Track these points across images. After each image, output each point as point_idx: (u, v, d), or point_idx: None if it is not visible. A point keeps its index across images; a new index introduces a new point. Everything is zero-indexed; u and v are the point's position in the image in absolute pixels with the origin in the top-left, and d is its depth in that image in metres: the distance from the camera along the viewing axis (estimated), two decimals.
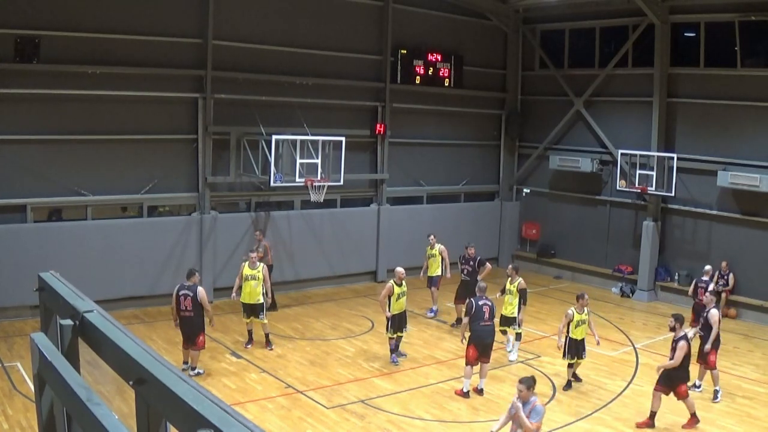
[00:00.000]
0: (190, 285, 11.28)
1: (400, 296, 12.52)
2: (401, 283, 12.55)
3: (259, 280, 12.77)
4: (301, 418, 10.28)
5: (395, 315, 12.54)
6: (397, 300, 12.49)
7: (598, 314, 16.74)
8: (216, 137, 16.08)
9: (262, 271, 12.86)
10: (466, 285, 14.81)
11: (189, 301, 11.18)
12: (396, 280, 12.52)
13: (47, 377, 2.41)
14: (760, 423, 10.58)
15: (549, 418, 10.44)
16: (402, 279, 12.59)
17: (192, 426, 1.73)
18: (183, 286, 11.33)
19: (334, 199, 18.25)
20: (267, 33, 16.73)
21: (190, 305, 11.18)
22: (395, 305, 12.48)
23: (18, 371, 11.26)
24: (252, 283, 12.76)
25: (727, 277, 16.33)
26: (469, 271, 14.93)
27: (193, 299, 11.17)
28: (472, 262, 14.98)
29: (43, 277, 2.92)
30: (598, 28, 19.66)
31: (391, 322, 12.56)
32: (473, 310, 11.40)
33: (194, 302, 11.17)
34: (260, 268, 12.88)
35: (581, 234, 20.24)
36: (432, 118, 20.17)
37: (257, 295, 12.78)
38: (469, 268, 14.95)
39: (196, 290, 11.22)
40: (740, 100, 16.58)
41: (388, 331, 12.68)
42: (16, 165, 13.83)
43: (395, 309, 12.51)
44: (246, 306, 12.93)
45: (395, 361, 12.68)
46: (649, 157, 17.58)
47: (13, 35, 13.53)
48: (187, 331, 11.40)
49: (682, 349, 10.01)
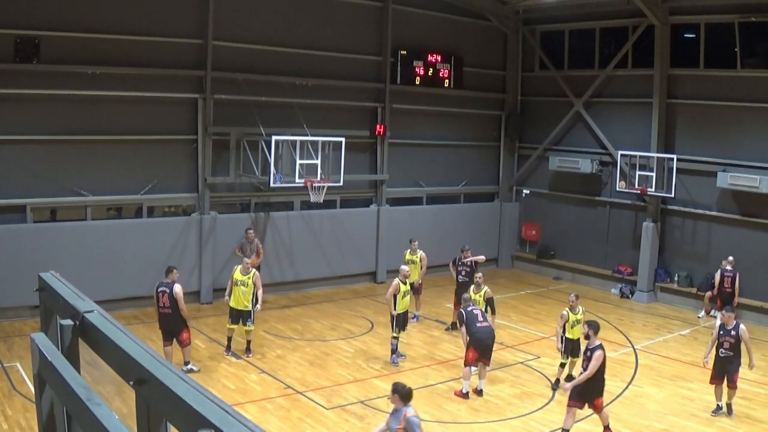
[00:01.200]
0: (168, 282, 11.42)
1: (405, 294, 12.66)
2: (406, 282, 12.70)
3: (249, 287, 12.49)
4: (300, 418, 10.28)
5: (399, 314, 12.64)
6: (403, 298, 12.62)
7: (597, 315, 16.74)
8: (216, 138, 16.08)
9: (253, 278, 12.58)
10: (464, 286, 14.76)
11: (166, 298, 11.30)
12: (401, 278, 12.63)
13: (47, 377, 2.41)
14: (760, 424, 10.57)
15: (549, 420, 10.46)
16: (407, 277, 12.77)
17: (192, 426, 1.73)
18: (162, 282, 11.47)
19: (334, 200, 18.25)
20: (267, 33, 16.73)
21: (167, 302, 11.29)
22: (401, 304, 12.61)
23: (17, 371, 11.26)
24: (241, 289, 12.48)
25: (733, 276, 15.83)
26: (467, 272, 14.87)
27: (170, 296, 11.28)
28: (467, 264, 14.91)
29: (43, 277, 2.92)
30: (598, 29, 19.67)
31: (396, 320, 12.61)
32: (465, 317, 11.51)
33: (171, 298, 11.28)
34: (252, 274, 12.61)
35: (581, 235, 20.24)
36: (432, 119, 20.17)
37: (246, 302, 12.49)
38: (467, 269, 14.88)
39: (173, 287, 11.32)
40: (740, 101, 16.59)
41: (394, 330, 12.71)
42: (16, 165, 13.82)
43: (400, 308, 12.63)
44: (233, 311, 12.62)
45: (395, 362, 12.69)
46: (648, 158, 17.58)
47: (13, 35, 13.53)
48: (168, 327, 11.45)
49: (598, 359, 9.40)
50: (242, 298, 12.47)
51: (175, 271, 11.65)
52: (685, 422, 10.53)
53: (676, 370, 12.91)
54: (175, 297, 11.24)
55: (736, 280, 15.55)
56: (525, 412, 10.80)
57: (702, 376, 12.59)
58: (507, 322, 15.84)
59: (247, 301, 12.49)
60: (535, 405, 11.08)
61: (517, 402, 11.22)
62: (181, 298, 11.32)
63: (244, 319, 12.60)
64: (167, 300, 11.27)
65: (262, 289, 12.93)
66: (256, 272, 12.88)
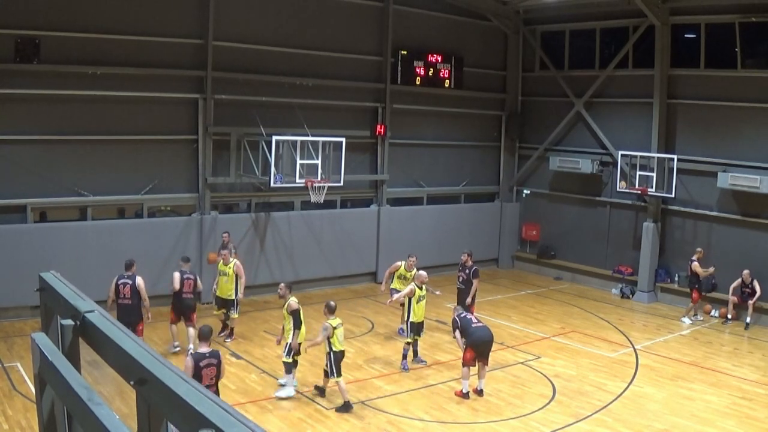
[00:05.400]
0: (129, 275, 11.68)
1: (420, 299, 12.47)
2: (422, 287, 12.55)
3: (230, 277, 13.36)
4: (301, 419, 10.28)
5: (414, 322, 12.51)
6: (417, 303, 12.44)
7: (598, 315, 16.78)
8: (216, 138, 16.09)
9: (234, 268, 13.38)
10: (461, 293, 14.66)
11: (128, 289, 11.56)
12: (418, 283, 12.55)
13: (48, 377, 2.40)
14: (761, 424, 10.57)
15: (549, 420, 10.46)
16: (424, 283, 12.60)
17: (193, 426, 1.73)
18: (122, 275, 11.69)
19: (334, 200, 18.25)
20: (267, 34, 16.73)
21: (128, 293, 11.56)
22: (417, 309, 12.43)
23: (18, 371, 11.26)
24: (223, 279, 13.44)
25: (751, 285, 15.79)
26: (464, 278, 14.65)
27: (132, 287, 11.56)
28: (467, 270, 14.61)
29: (44, 277, 2.91)
30: (599, 30, 19.67)
31: (411, 326, 12.53)
32: (458, 323, 11.47)
33: (133, 290, 11.57)
34: (232, 264, 13.41)
35: (581, 235, 20.24)
36: (432, 119, 20.17)
37: (228, 291, 13.41)
38: (464, 276, 14.63)
39: (135, 279, 11.62)
40: (740, 102, 16.58)
41: (408, 336, 12.60)
42: (16, 165, 13.83)
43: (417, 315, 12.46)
44: (218, 299, 13.62)
45: (405, 368, 12.52)
46: (649, 158, 17.58)
47: (13, 35, 13.54)
48: (125, 318, 11.41)
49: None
50: (224, 287, 13.43)
51: (134, 264, 11.92)
52: (685, 422, 10.52)
53: (677, 371, 12.90)
54: (138, 289, 11.58)
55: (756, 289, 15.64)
56: (525, 412, 10.80)
57: (702, 376, 12.62)
58: (507, 322, 15.85)
59: (230, 290, 13.40)
60: (535, 405, 11.07)
61: (517, 402, 11.21)
62: (143, 290, 11.67)
63: (227, 306, 13.54)
64: (129, 291, 11.57)
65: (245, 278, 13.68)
66: (236, 262, 13.55)
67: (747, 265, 15.93)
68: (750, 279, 15.75)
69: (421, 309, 12.55)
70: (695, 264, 16.18)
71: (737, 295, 15.90)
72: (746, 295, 15.80)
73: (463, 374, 11.31)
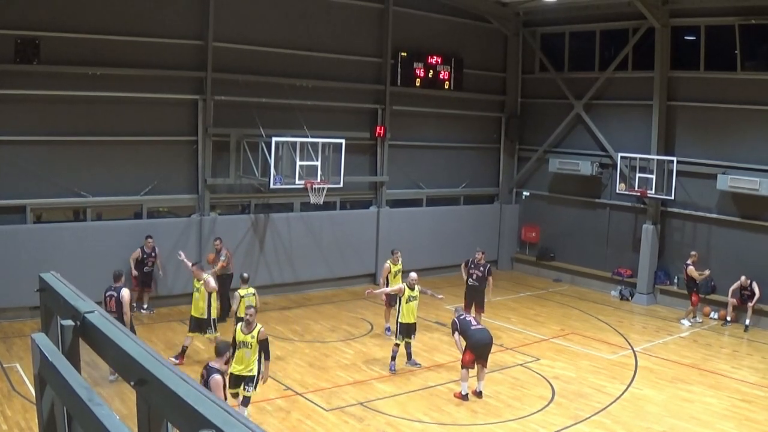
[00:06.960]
0: (116, 286, 11.39)
1: (410, 300, 12.42)
2: (414, 288, 12.52)
3: (201, 293, 11.96)
4: (300, 420, 10.27)
5: (403, 323, 12.46)
6: (407, 303, 12.41)
7: (597, 317, 16.78)
8: (216, 139, 16.08)
9: (203, 284, 11.92)
10: (474, 290, 14.72)
11: (113, 302, 11.25)
12: (408, 283, 12.53)
13: (48, 378, 2.41)
14: (760, 426, 10.57)
15: (548, 422, 10.46)
16: (415, 282, 12.57)
17: (193, 426, 1.73)
18: (110, 287, 11.41)
19: (334, 202, 18.24)
20: (267, 35, 16.73)
21: (113, 306, 11.24)
22: (406, 309, 12.38)
23: (17, 372, 11.25)
24: (195, 295, 12.10)
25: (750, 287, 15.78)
26: (478, 276, 14.70)
27: (116, 300, 11.26)
28: (482, 267, 14.76)
29: (44, 277, 2.91)
30: (599, 32, 19.68)
31: (400, 328, 12.50)
32: (458, 325, 11.44)
33: (117, 303, 11.27)
34: (204, 280, 11.97)
35: (581, 237, 20.24)
36: (432, 121, 20.18)
37: (200, 309, 12.02)
38: (479, 273, 14.72)
39: (120, 291, 11.30)
40: (740, 104, 16.59)
41: (397, 338, 12.56)
42: (16, 165, 13.82)
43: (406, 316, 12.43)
44: (191, 319, 12.26)
45: (393, 369, 12.47)
46: (648, 160, 17.59)
47: (13, 36, 13.54)
48: None
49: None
50: (195, 304, 12.11)
51: (123, 276, 11.70)
52: (684, 424, 10.52)
53: (676, 373, 12.90)
54: (122, 302, 11.20)
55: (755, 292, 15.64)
56: (524, 414, 10.80)
57: (701, 378, 12.62)
58: (506, 324, 15.85)
59: (201, 308, 12.01)
60: (534, 407, 11.07)
61: (516, 404, 11.20)
62: (126, 303, 11.27)
63: (201, 327, 12.13)
64: (114, 304, 11.23)
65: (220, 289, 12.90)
66: (206, 277, 12.09)
67: (746, 267, 15.94)
68: (749, 281, 15.76)
69: (410, 310, 12.45)
70: (690, 268, 16.19)
71: (736, 298, 15.92)
72: (745, 297, 15.81)
73: (462, 376, 11.30)
